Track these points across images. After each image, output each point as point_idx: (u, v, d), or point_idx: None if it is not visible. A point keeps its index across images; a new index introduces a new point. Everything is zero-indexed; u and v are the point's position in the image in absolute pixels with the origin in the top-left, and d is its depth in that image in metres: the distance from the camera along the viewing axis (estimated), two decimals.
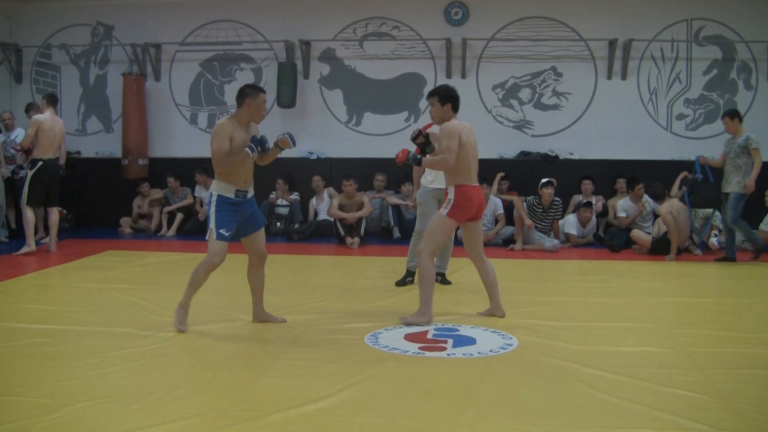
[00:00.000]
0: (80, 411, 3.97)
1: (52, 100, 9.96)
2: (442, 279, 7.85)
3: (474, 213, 6.14)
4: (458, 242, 10.15)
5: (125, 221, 12.27)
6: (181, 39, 12.83)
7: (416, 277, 7.91)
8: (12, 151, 10.88)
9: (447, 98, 6.14)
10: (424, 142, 6.28)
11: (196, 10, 12.77)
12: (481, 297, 7.03)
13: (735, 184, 9.27)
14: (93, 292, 7.35)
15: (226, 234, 5.54)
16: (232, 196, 5.58)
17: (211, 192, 5.66)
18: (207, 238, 5.57)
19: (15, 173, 10.79)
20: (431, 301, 6.08)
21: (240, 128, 5.60)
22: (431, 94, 6.22)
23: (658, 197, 9.99)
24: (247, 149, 5.53)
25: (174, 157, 12.81)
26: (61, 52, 13.17)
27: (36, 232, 10.22)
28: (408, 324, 5.98)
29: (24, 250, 9.57)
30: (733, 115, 9.48)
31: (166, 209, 12.22)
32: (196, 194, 12.31)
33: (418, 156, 6.18)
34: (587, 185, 11.55)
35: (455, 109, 6.18)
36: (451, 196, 6.05)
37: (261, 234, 5.84)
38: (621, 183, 11.58)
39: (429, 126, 7.46)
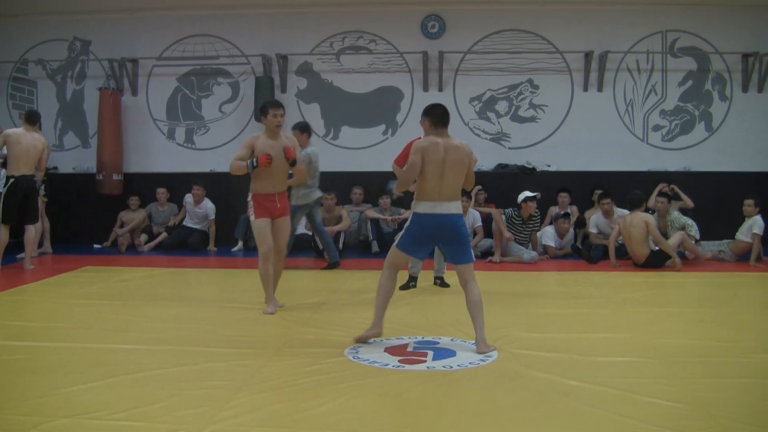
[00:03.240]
0: (60, 427, 3.93)
1: (28, 118, 9.81)
2: (441, 282, 8.34)
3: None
4: None
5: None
6: (158, 54, 12.80)
7: (418, 282, 8.34)
8: None
9: None
10: None
11: (173, 24, 12.75)
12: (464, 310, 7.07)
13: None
14: (71, 307, 7.29)
15: None
16: None
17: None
18: None
19: None
20: None
21: None
22: None
23: (634, 205, 10.00)
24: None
25: (151, 172, 12.74)
26: (37, 67, 13.08)
27: (40, 245, 11.19)
28: None
29: None
30: (303, 129, 9.31)
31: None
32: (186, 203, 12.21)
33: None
34: (564, 197, 11.60)
35: None
36: None
37: None
38: (598, 195, 11.57)
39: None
